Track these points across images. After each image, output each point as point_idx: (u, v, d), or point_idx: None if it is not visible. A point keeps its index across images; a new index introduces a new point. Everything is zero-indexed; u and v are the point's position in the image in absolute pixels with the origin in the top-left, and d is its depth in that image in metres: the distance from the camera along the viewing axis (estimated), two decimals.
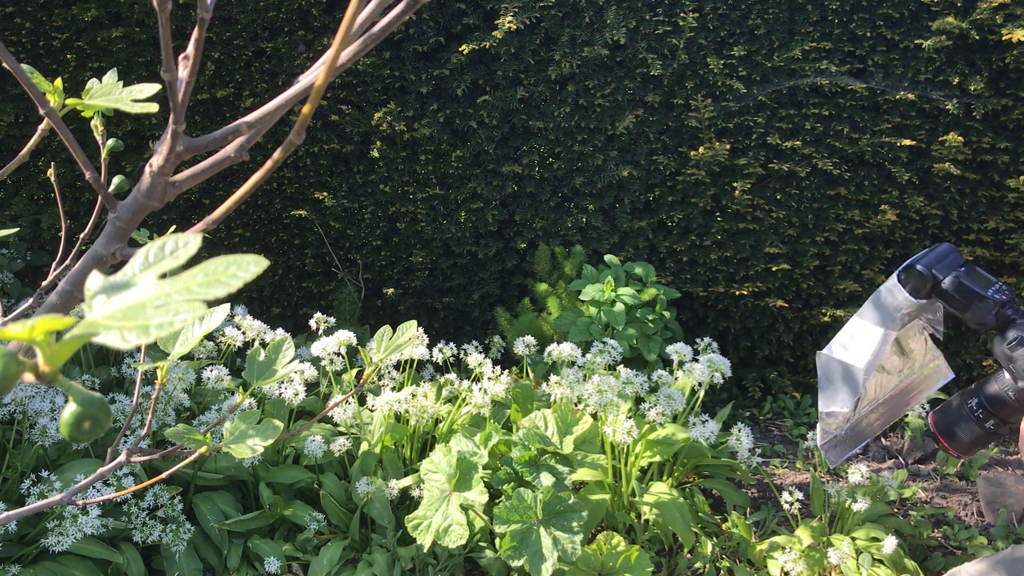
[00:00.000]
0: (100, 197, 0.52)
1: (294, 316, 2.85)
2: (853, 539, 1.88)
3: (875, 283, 2.55)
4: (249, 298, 2.80)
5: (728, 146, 2.45)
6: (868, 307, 1.18)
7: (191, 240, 0.32)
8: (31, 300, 0.72)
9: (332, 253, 2.73)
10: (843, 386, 1.17)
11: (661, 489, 1.91)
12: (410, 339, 0.81)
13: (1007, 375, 1.09)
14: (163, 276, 0.31)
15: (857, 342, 1.15)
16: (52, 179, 0.75)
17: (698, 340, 2.19)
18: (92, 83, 0.61)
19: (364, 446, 1.99)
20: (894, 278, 1.15)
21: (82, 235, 0.74)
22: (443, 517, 1.61)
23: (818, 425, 1.23)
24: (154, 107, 0.54)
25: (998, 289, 1.10)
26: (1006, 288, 1.11)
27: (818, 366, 1.20)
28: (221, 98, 2.52)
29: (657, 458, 1.91)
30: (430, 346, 2.19)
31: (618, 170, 2.53)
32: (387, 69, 2.46)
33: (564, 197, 2.63)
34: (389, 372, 2.15)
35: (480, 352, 2.16)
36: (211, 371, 1.93)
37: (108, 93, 0.58)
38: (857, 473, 1.89)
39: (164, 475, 0.70)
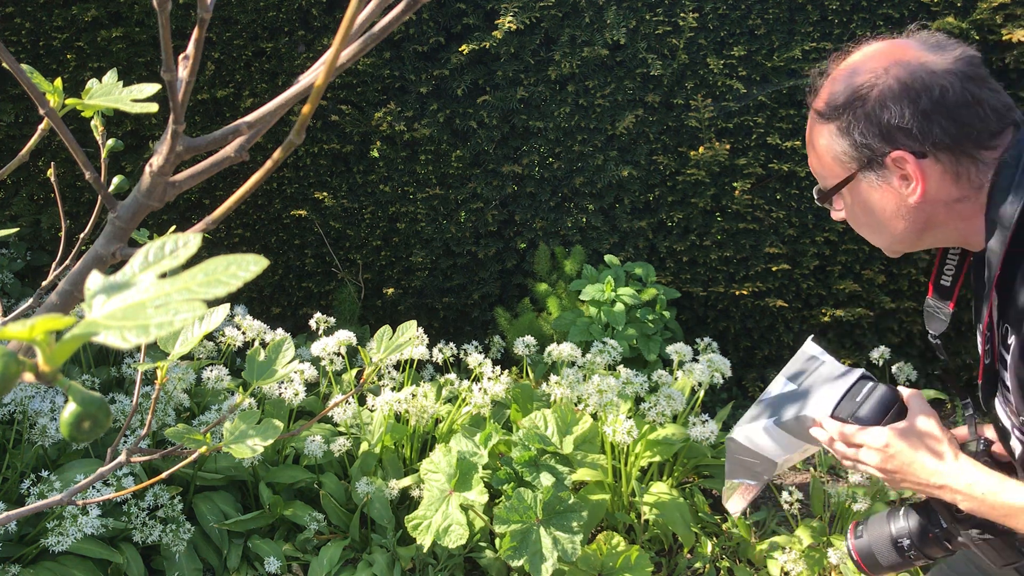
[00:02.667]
0: (100, 197, 0.52)
1: (294, 316, 2.85)
2: None
3: (875, 283, 2.55)
4: (249, 298, 2.80)
5: (728, 146, 2.45)
6: (791, 422, 1.06)
7: (191, 240, 0.32)
8: (31, 300, 0.72)
9: (332, 253, 2.73)
10: (752, 466, 1.13)
11: (661, 489, 1.91)
12: (410, 339, 0.81)
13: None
14: (163, 276, 0.31)
15: (776, 440, 1.07)
16: (52, 179, 0.75)
17: (698, 340, 2.19)
18: (92, 83, 0.61)
19: (364, 446, 1.99)
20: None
21: (82, 235, 0.74)
22: (443, 517, 1.61)
23: (724, 491, 1.19)
24: (154, 107, 0.54)
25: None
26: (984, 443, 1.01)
27: (728, 447, 1.14)
28: (221, 98, 2.52)
29: (657, 458, 1.91)
30: (430, 346, 2.19)
31: (618, 170, 2.53)
32: (387, 69, 2.46)
33: (564, 197, 2.63)
34: (389, 372, 2.15)
35: (480, 352, 2.16)
36: (211, 371, 1.93)
37: (108, 93, 0.58)
38: (857, 473, 1.89)
39: (164, 475, 0.70)
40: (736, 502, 1.20)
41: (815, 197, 1.02)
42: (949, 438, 0.93)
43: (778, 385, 1.10)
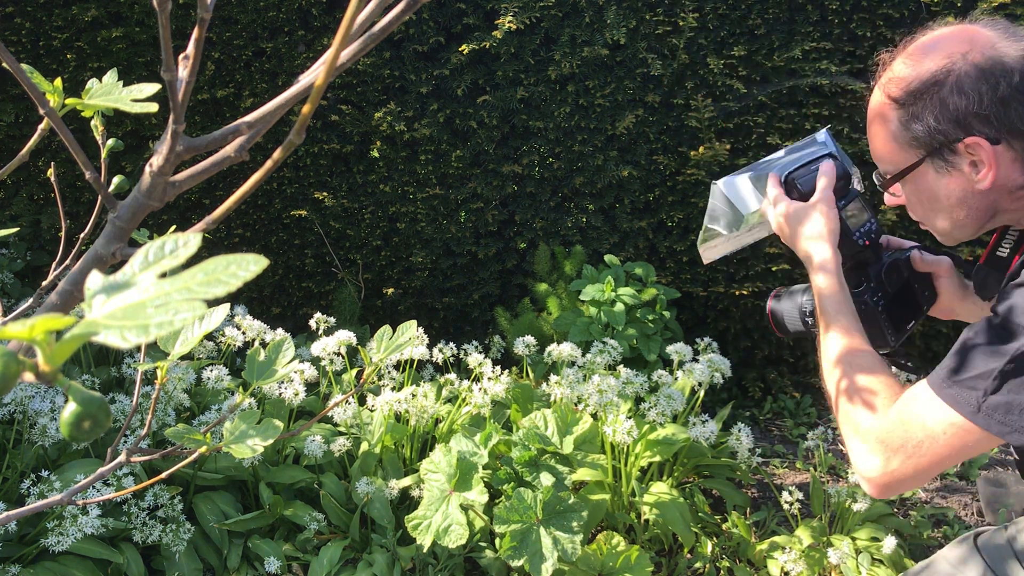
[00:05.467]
0: (100, 197, 0.52)
1: (294, 316, 2.85)
2: (853, 539, 1.88)
3: None
4: (249, 298, 2.80)
5: (728, 146, 2.45)
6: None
7: (191, 239, 0.32)
8: (31, 300, 0.72)
9: (332, 253, 2.73)
10: (726, 216, 1.25)
11: (661, 489, 1.91)
12: (410, 339, 0.81)
13: None
14: (163, 275, 0.31)
15: (745, 193, 1.21)
16: (52, 179, 0.75)
17: (698, 340, 2.19)
18: (92, 83, 0.61)
19: (364, 446, 1.99)
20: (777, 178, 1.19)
21: (82, 235, 0.74)
22: (443, 517, 1.61)
23: (701, 233, 1.31)
24: (154, 107, 0.54)
25: (866, 232, 1.12)
26: (875, 230, 1.13)
27: (711, 193, 1.25)
28: (221, 98, 2.52)
29: (657, 458, 1.91)
30: (430, 346, 2.19)
31: (618, 170, 2.53)
32: (387, 69, 2.46)
33: (564, 197, 2.63)
34: (389, 372, 2.15)
35: (480, 352, 2.16)
36: (211, 371, 1.93)
37: (108, 93, 0.58)
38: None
39: (164, 475, 0.70)
40: (707, 250, 1.30)
41: (876, 183, 1.03)
42: (829, 228, 1.06)
43: (778, 153, 1.23)
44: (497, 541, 1.72)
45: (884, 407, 0.91)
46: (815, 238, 1.07)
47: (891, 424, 0.89)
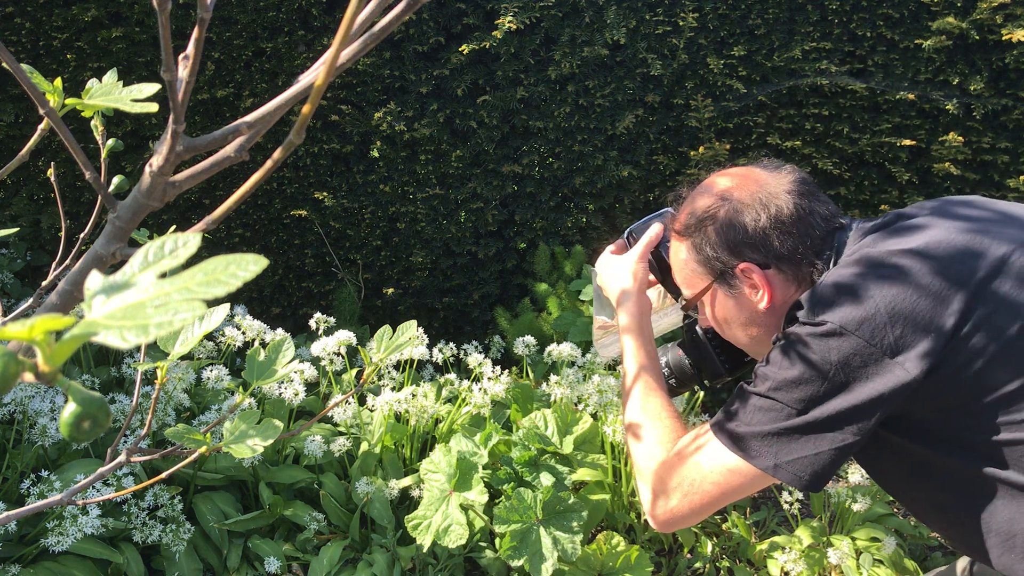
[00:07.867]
0: (100, 197, 0.52)
1: (294, 316, 2.85)
2: (853, 539, 1.88)
3: None
4: (249, 298, 2.80)
5: (728, 146, 2.45)
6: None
7: (191, 239, 0.32)
8: (31, 300, 0.72)
9: (332, 253, 2.73)
10: (608, 301, 1.30)
11: None
12: (410, 339, 0.81)
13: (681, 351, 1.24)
14: (163, 275, 0.31)
15: None
16: (52, 179, 0.75)
17: None
18: (92, 83, 0.61)
19: (364, 446, 1.99)
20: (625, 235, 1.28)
21: (82, 235, 0.74)
22: (443, 517, 1.61)
23: (594, 326, 1.37)
24: (154, 107, 0.54)
25: None
26: None
27: (593, 278, 1.32)
28: (221, 98, 2.52)
29: None
30: (430, 346, 2.19)
31: (618, 170, 2.53)
32: (387, 69, 2.46)
33: (564, 197, 2.63)
34: (389, 372, 2.15)
35: (480, 352, 2.16)
36: (211, 371, 1.93)
37: (108, 93, 0.58)
38: (857, 473, 1.89)
39: (164, 475, 0.70)
40: (604, 347, 1.36)
41: (681, 307, 1.16)
42: (635, 278, 1.19)
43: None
44: (497, 541, 1.72)
45: (667, 449, 1.01)
46: (621, 286, 1.20)
47: (671, 465, 0.99)
